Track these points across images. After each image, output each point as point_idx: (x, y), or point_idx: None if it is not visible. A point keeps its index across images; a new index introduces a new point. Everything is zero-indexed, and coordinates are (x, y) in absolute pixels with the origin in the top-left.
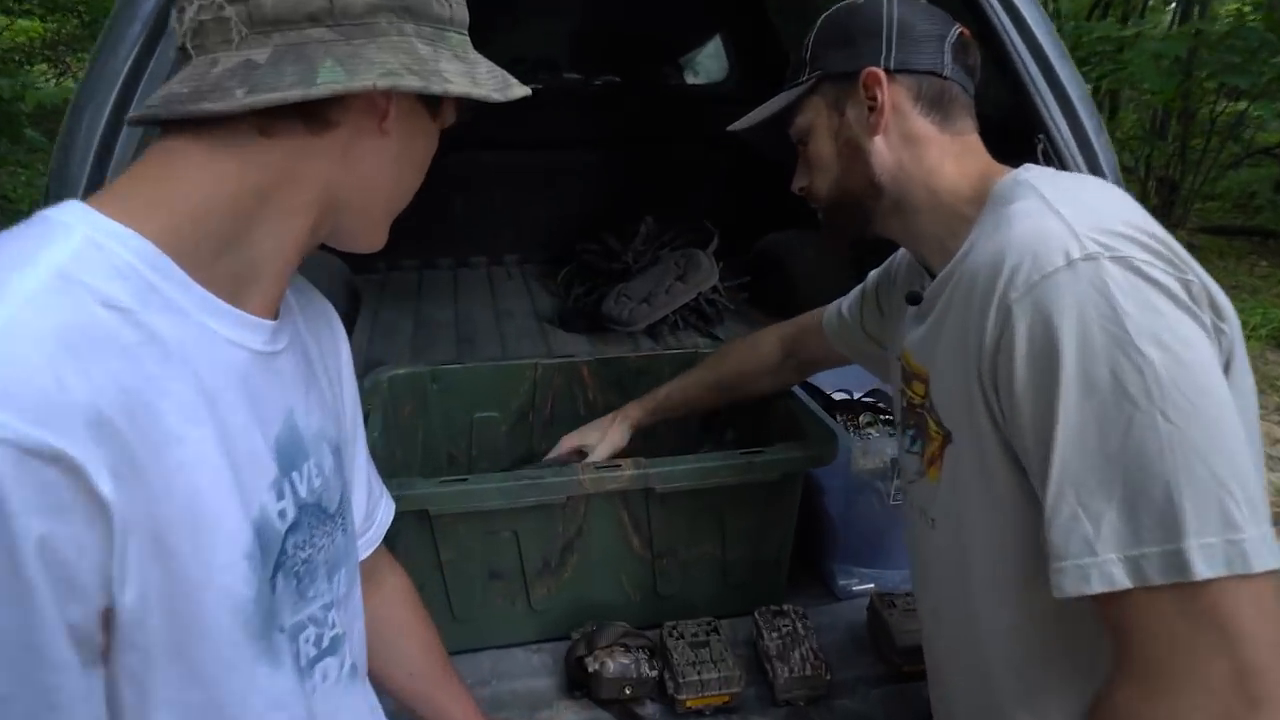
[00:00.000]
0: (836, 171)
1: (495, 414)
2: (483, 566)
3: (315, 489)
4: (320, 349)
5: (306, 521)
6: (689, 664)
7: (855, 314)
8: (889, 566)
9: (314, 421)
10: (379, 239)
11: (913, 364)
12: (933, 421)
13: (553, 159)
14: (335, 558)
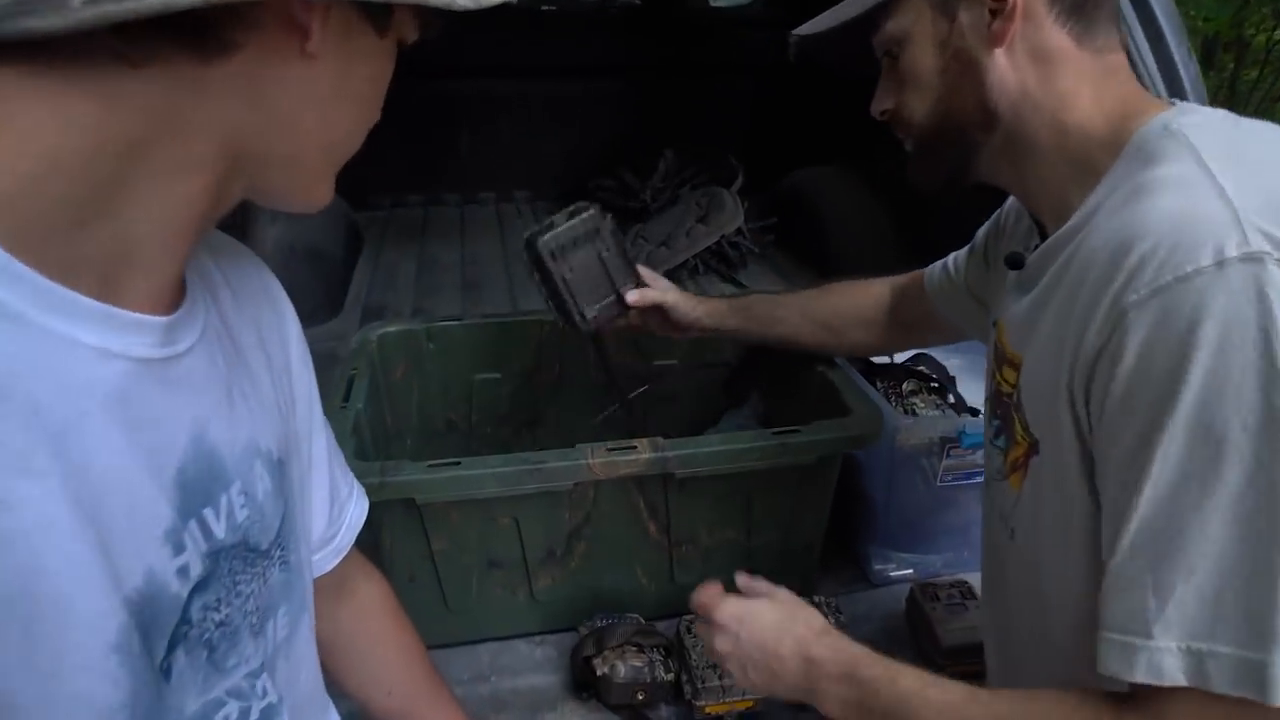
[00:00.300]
0: (939, 92)
1: (497, 375)
2: (480, 555)
3: (240, 524)
4: (260, 334)
5: (224, 571)
6: (709, 666)
7: (961, 269)
8: (931, 551)
9: (242, 434)
10: (319, 194)
11: (1006, 344)
12: (1019, 422)
13: (567, 88)
14: (269, 602)
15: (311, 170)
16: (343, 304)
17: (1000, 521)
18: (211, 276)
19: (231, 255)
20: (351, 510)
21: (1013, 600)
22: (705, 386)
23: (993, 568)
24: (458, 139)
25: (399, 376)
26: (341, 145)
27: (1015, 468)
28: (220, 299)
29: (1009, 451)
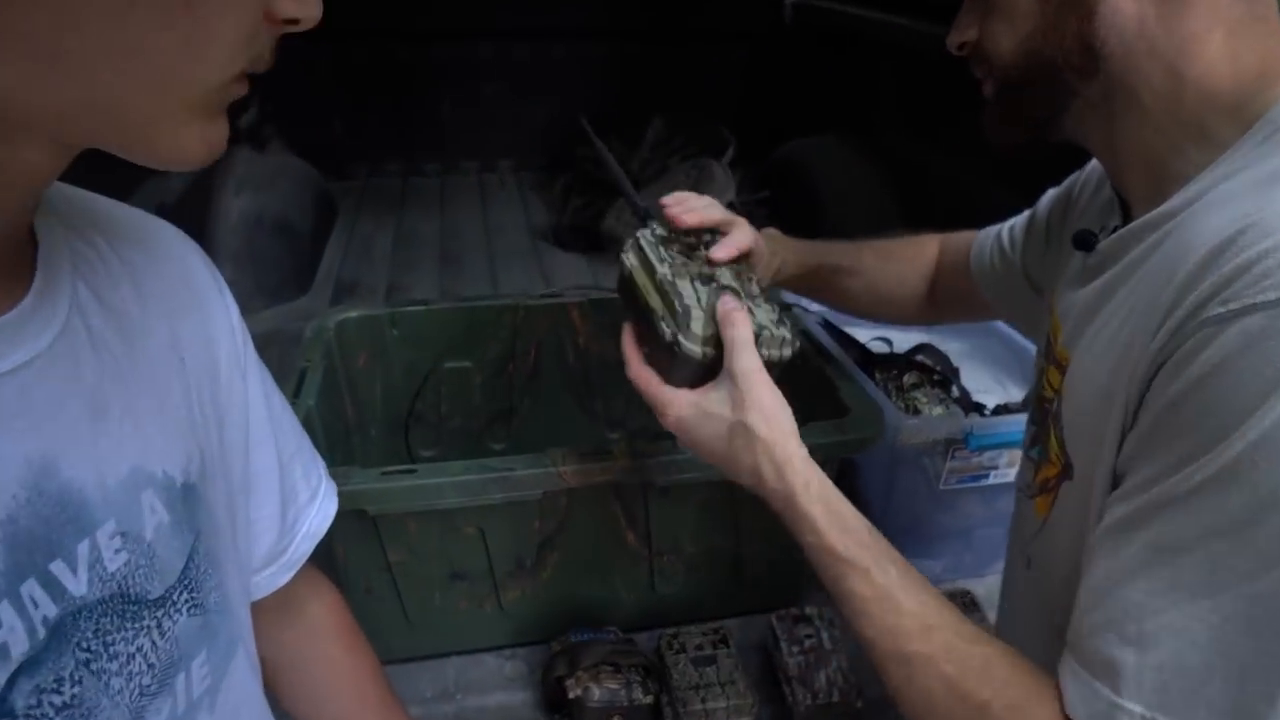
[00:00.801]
0: (1036, 22)
1: (468, 363)
2: (442, 566)
3: (114, 573)
4: (174, 334)
5: (84, 635)
6: (691, 687)
7: (1017, 242)
8: (929, 557)
9: (120, 461)
10: (186, 145)
11: (1058, 339)
12: (1055, 438)
13: (552, 52)
14: (171, 658)
15: (150, 120)
16: (313, 280)
17: (1019, 545)
18: (103, 266)
19: (141, 240)
20: (311, 518)
21: (1021, 630)
22: None
23: (1008, 589)
24: (439, 105)
25: (361, 365)
26: (165, 75)
27: (1044, 489)
28: (111, 292)
29: (1040, 468)
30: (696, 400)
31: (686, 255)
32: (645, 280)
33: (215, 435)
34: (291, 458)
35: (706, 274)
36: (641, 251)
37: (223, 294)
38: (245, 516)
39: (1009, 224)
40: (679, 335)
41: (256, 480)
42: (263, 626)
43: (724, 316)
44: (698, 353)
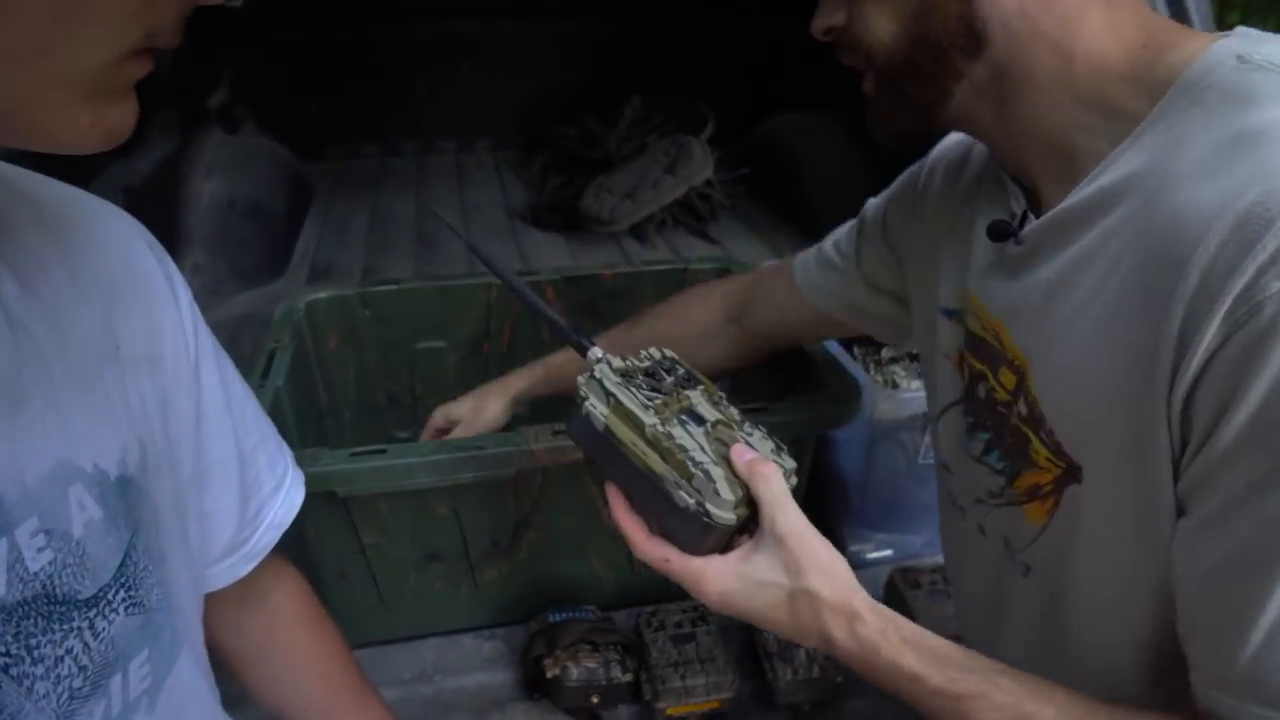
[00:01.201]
0: (915, 5)
1: (442, 344)
2: (416, 548)
3: (36, 572)
4: (109, 317)
5: (5, 637)
6: (670, 665)
7: (849, 251)
8: (910, 531)
9: (42, 455)
10: (73, 129)
11: (1003, 337)
12: (1038, 442)
13: (529, 29)
14: (106, 658)
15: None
16: (288, 264)
17: (1004, 554)
18: (30, 249)
19: (81, 221)
20: (276, 508)
21: (1014, 640)
22: None
23: (993, 604)
24: (414, 85)
25: (332, 347)
26: (37, 52)
27: (1035, 495)
28: (39, 277)
29: (1019, 475)
30: (739, 570)
31: (655, 388)
32: (632, 437)
33: (159, 426)
34: (255, 448)
35: (686, 407)
36: (611, 398)
37: (170, 280)
38: (198, 510)
39: (826, 241)
40: (706, 505)
41: (212, 471)
42: (224, 615)
43: (751, 473)
44: (732, 520)
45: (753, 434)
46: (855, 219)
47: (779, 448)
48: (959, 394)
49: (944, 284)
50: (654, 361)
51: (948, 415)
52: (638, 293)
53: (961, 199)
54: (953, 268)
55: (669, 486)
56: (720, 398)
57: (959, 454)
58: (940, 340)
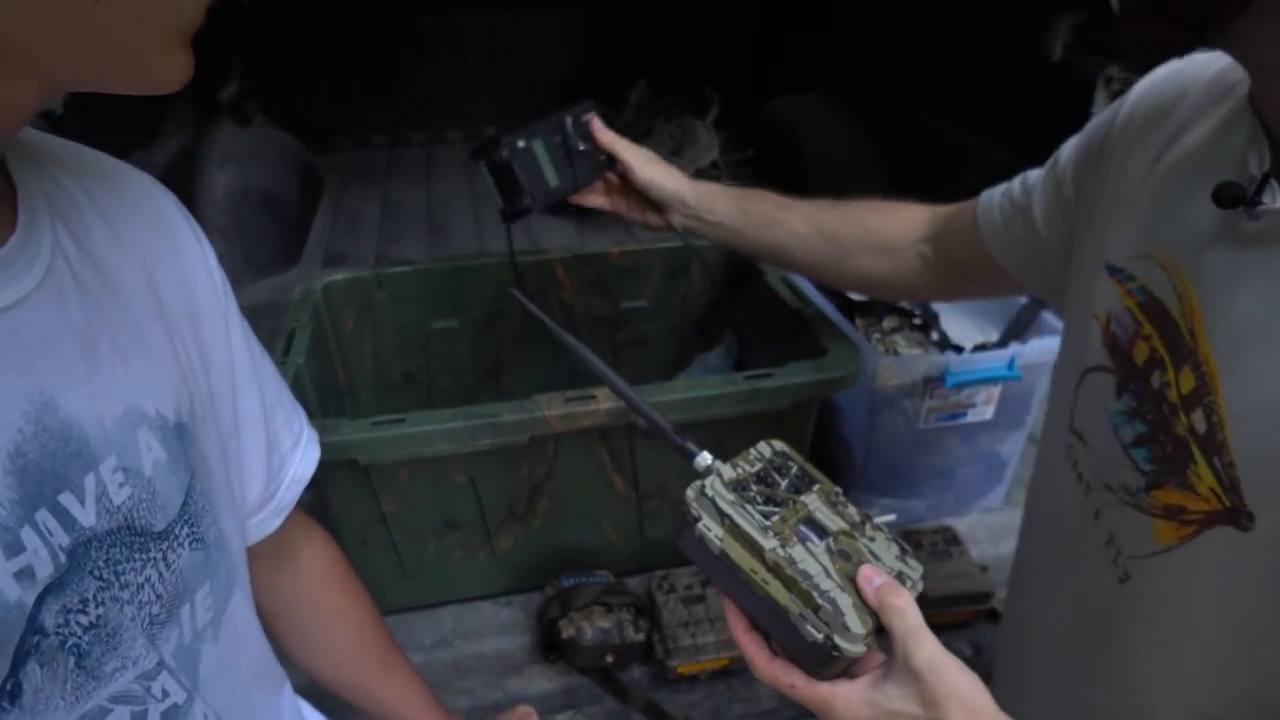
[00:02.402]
0: None
1: (455, 323)
2: (435, 516)
3: (119, 505)
4: (150, 276)
5: (97, 563)
6: (681, 624)
7: (1034, 195)
8: (913, 496)
9: (114, 399)
10: (167, 72)
11: (1198, 327)
12: (1205, 466)
13: (534, 16)
14: (180, 587)
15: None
16: (301, 252)
17: (1110, 548)
18: (77, 209)
19: (113, 183)
20: (296, 463)
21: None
22: (677, 329)
23: (1066, 595)
24: (421, 75)
25: (349, 328)
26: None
27: (1174, 516)
28: (86, 235)
29: (1161, 486)
30: (870, 698)
31: (769, 496)
32: (752, 563)
33: (202, 378)
34: (273, 405)
35: (804, 516)
36: (725, 518)
37: (199, 239)
38: (237, 460)
39: (1019, 177)
40: (835, 638)
41: (243, 424)
42: (258, 573)
43: (882, 605)
44: (861, 651)
45: (875, 538)
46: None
47: (903, 551)
48: (1107, 360)
49: (1118, 239)
50: (765, 462)
51: (1091, 379)
52: (645, 269)
53: (1161, 144)
54: (1132, 223)
55: (794, 619)
56: (838, 495)
57: (1102, 429)
58: (1096, 298)
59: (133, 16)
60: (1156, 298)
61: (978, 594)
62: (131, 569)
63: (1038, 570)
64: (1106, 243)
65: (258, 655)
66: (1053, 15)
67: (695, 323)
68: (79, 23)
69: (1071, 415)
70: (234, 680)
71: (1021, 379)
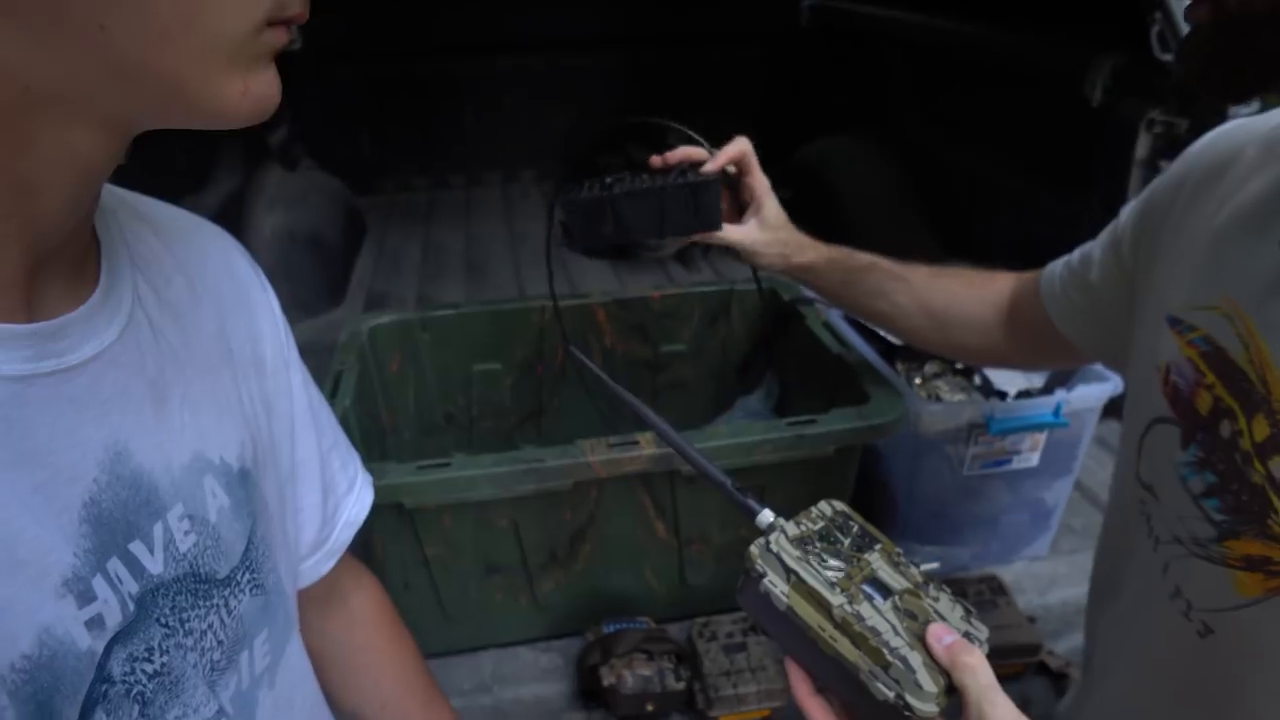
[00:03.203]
0: None
1: (498, 365)
2: (477, 561)
3: (185, 553)
4: (223, 326)
5: (160, 612)
6: (723, 674)
7: (1088, 263)
8: (957, 544)
9: (183, 447)
10: (224, 100)
11: (1263, 376)
12: None
13: (571, 62)
14: (238, 634)
15: (170, 73)
16: (345, 293)
17: (1177, 601)
18: (157, 261)
19: (188, 236)
20: (350, 507)
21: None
22: (716, 372)
23: (1153, 647)
24: (461, 119)
25: (394, 370)
26: (178, 26)
27: (1257, 568)
28: (166, 285)
29: (1237, 536)
30: None
31: (835, 555)
32: (819, 620)
33: (265, 424)
34: (330, 449)
35: (869, 578)
36: (792, 574)
37: (265, 290)
38: (293, 504)
39: (1079, 249)
40: (907, 697)
41: (300, 469)
42: (308, 617)
43: (954, 663)
44: (934, 711)
45: (939, 599)
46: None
47: (968, 612)
48: (1168, 412)
49: (1178, 292)
50: (827, 520)
51: (1155, 432)
52: (684, 313)
53: (1219, 200)
54: (1192, 275)
55: (864, 677)
56: (899, 556)
57: (1169, 481)
58: (1157, 351)
59: (150, 42)
60: (1220, 346)
61: (1026, 646)
62: (196, 616)
63: (1110, 630)
64: (1167, 296)
65: (311, 700)
66: (1092, 57)
67: (735, 366)
68: (96, 55)
69: (1138, 469)
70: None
71: (1069, 426)
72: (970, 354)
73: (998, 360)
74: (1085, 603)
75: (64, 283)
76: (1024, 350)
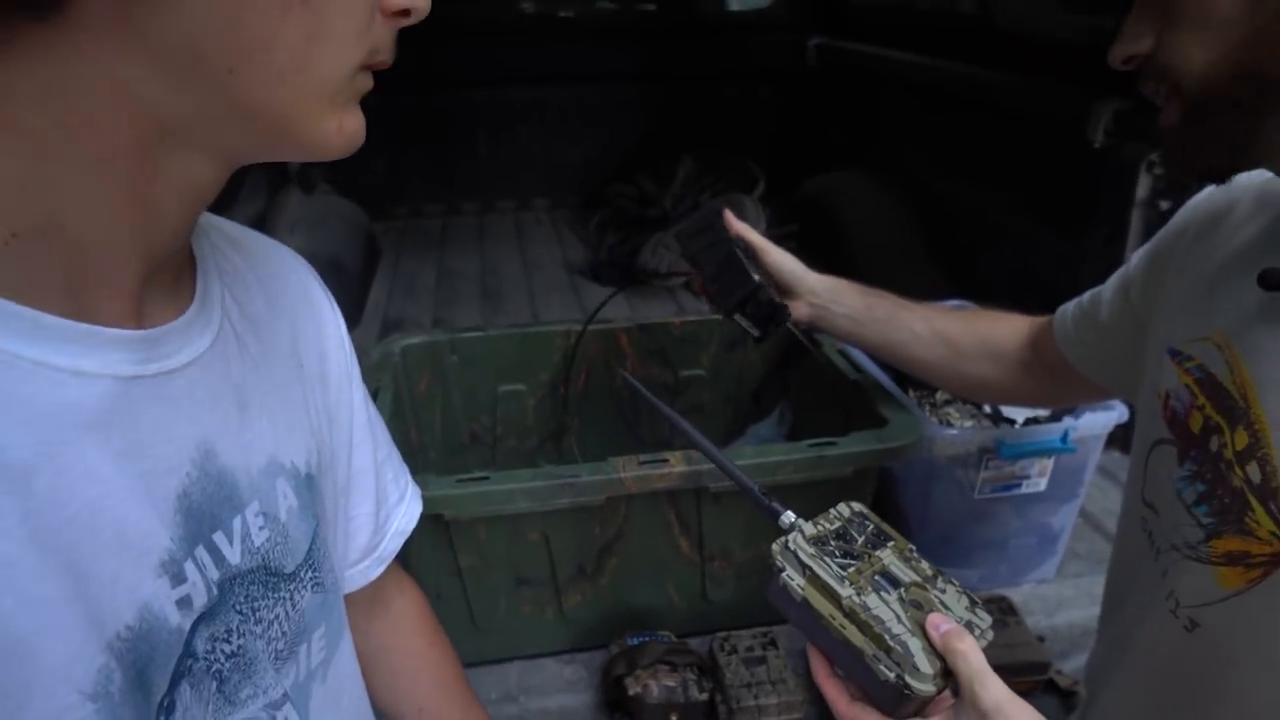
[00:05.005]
0: (1242, 33)
1: (522, 386)
2: (508, 573)
3: (259, 547)
4: (295, 341)
5: (239, 598)
6: (744, 685)
7: (1097, 303)
8: (967, 566)
9: (259, 452)
10: (323, 136)
11: (1250, 394)
12: (1263, 513)
13: (585, 95)
14: (299, 627)
15: (282, 110)
16: (361, 317)
17: (1169, 601)
18: (241, 279)
19: (268, 257)
20: (400, 516)
21: (1156, 684)
22: (733, 398)
23: (1146, 641)
24: (476, 147)
25: (422, 389)
26: (293, 69)
27: (1236, 562)
28: (249, 302)
29: (1220, 536)
30: None
31: (848, 553)
32: (829, 608)
33: (327, 435)
34: (384, 462)
35: (880, 569)
36: (807, 569)
37: (334, 311)
38: (345, 512)
39: (1090, 291)
40: (906, 678)
41: (356, 480)
42: (354, 619)
43: (949, 648)
44: (931, 691)
45: (945, 590)
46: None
47: (973, 603)
48: (1167, 433)
49: (1179, 327)
50: (844, 521)
51: (1156, 452)
52: (704, 339)
53: (1216, 246)
54: (1191, 312)
55: (869, 660)
56: (911, 552)
57: (1168, 496)
58: (1161, 379)
59: (269, 83)
60: (1211, 373)
61: (1035, 664)
62: (265, 605)
63: (1112, 641)
64: (1170, 332)
65: (357, 700)
66: (1094, 102)
67: (750, 392)
68: (223, 95)
69: (1143, 488)
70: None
71: (1075, 452)
72: (986, 388)
73: (1011, 397)
74: (1091, 625)
75: (165, 294)
76: (1040, 386)
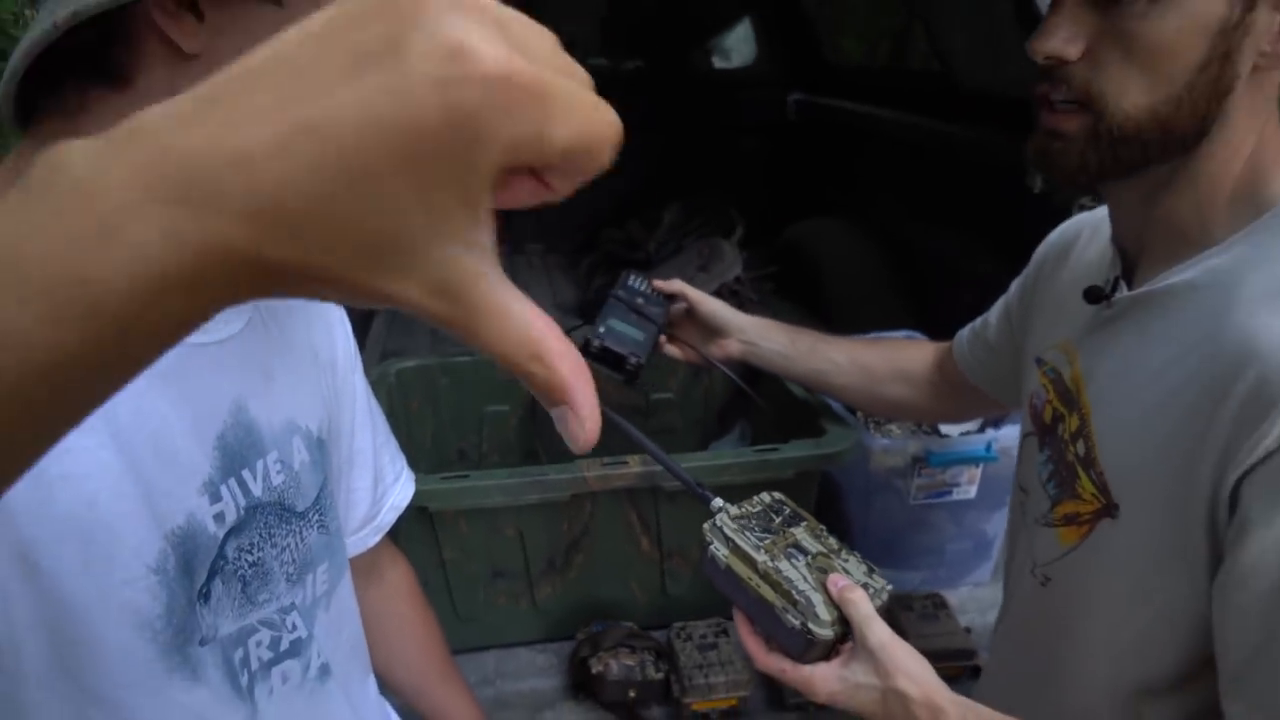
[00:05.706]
0: (1174, 90)
1: (506, 407)
2: (486, 565)
3: (275, 486)
4: (310, 333)
5: (260, 523)
6: (696, 667)
7: (986, 326)
8: (908, 569)
9: (280, 413)
10: None
11: (1081, 389)
12: (1086, 479)
13: None
14: (309, 557)
15: None
16: (363, 348)
17: (1030, 565)
18: None
19: None
20: (395, 494)
21: (1024, 643)
22: (700, 420)
23: (1014, 600)
24: None
25: (414, 409)
26: None
27: (1071, 522)
28: None
29: (1061, 502)
30: (841, 674)
31: (766, 529)
32: (747, 572)
33: (334, 411)
34: (382, 445)
35: (792, 542)
36: (730, 541)
37: (340, 311)
38: (347, 485)
39: (982, 317)
40: (809, 624)
41: (357, 457)
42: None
43: (842, 598)
44: (830, 635)
45: (849, 560)
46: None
47: (871, 570)
48: (1031, 427)
49: (1041, 339)
50: (765, 506)
51: (1026, 443)
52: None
53: (1065, 272)
54: (1047, 326)
55: (779, 612)
56: (821, 531)
57: (1033, 479)
58: (1028, 383)
59: None
60: (1060, 373)
61: (961, 650)
62: (280, 533)
63: (1002, 612)
64: (1035, 344)
65: (355, 635)
66: None
67: (716, 412)
68: None
69: (1019, 476)
70: (338, 645)
71: (999, 461)
72: (902, 408)
73: (925, 415)
74: None
75: None
76: (947, 403)
